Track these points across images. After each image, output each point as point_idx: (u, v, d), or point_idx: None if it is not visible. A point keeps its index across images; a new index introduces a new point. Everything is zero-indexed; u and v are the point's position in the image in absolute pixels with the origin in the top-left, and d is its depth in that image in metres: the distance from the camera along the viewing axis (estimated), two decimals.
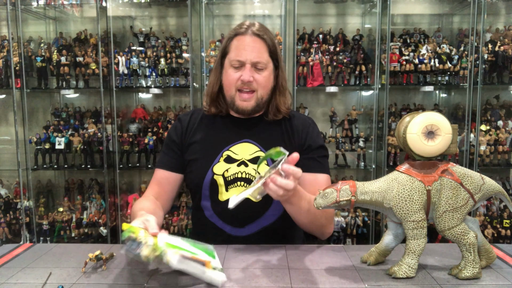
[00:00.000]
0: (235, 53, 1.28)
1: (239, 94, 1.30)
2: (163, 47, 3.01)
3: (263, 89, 1.31)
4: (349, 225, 2.92)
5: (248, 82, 1.27)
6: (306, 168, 1.33)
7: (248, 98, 1.30)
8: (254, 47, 1.27)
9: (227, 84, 1.32)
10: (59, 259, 1.13)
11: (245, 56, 1.26)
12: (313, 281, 0.97)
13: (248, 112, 1.33)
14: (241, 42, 1.27)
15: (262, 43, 1.28)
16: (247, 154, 1.32)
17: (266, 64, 1.29)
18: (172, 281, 0.98)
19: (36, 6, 3.06)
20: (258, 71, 1.28)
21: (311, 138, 1.37)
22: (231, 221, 1.30)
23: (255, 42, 1.27)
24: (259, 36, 1.27)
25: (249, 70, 1.27)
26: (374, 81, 2.89)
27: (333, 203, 0.97)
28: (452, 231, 0.96)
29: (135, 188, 3.27)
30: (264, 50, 1.28)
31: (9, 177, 3.22)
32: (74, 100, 3.25)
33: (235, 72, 1.29)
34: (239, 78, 1.28)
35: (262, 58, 1.27)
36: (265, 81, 1.30)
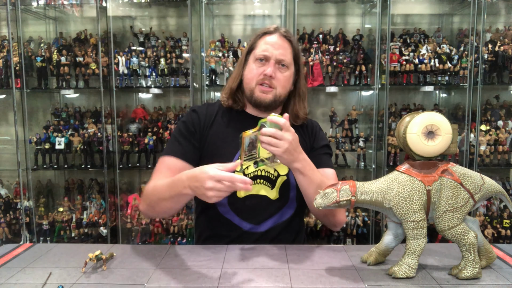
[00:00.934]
0: (262, 48, 1.32)
1: (259, 87, 1.33)
2: (163, 47, 3.01)
3: (282, 88, 1.34)
4: (349, 225, 2.92)
5: (270, 76, 1.30)
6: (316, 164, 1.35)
7: (267, 91, 1.33)
8: (281, 45, 1.32)
9: (249, 77, 1.34)
10: (59, 259, 1.13)
11: (271, 51, 1.31)
12: (313, 281, 0.97)
13: (265, 105, 1.34)
14: (270, 40, 1.33)
15: (288, 44, 1.34)
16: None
17: (289, 64, 1.34)
18: (172, 281, 0.98)
19: (36, 6, 3.06)
20: (281, 69, 1.32)
21: (318, 139, 1.43)
22: (248, 218, 1.31)
23: (283, 41, 1.33)
24: (286, 37, 1.34)
25: (273, 65, 1.31)
26: (374, 81, 2.89)
27: (333, 203, 0.97)
28: (452, 231, 0.96)
29: (135, 188, 3.27)
30: (289, 51, 1.33)
31: (9, 177, 3.22)
32: (74, 100, 3.25)
33: (259, 67, 1.32)
34: (262, 72, 1.31)
35: (286, 57, 1.32)
36: (285, 81, 1.34)
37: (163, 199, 1.19)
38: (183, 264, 1.09)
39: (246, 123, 1.34)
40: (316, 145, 1.42)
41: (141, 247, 1.23)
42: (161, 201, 1.20)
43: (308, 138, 1.42)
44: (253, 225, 1.32)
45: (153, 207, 1.25)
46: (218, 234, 1.34)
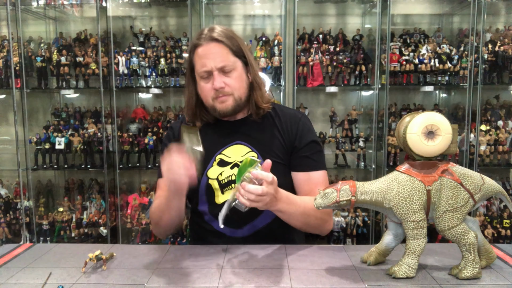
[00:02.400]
0: (200, 65, 1.27)
1: (216, 100, 1.29)
2: (163, 47, 3.01)
3: (238, 90, 1.29)
4: (349, 225, 2.92)
5: (220, 88, 1.26)
6: (299, 167, 1.34)
7: (225, 99, 1.29)
8: (215, 53, 1.25)
9: (204, 97, 1.32)
10: (59, 259, 1.13)
11: (209, 64, 1.24)
12: (313, 281, 0.97)
13: (230, 113, 1.32)
14: (202, 52, 1.26)
15: (222, 46, 1.25)
16: (239, 156, 1.32)
17: (233, 66, 1.27)
18: (172, 281, 0.98)
19: (36, 6, 3.06)
20: (227, 74, 1.27)
21: (301, 135, 1.35)
22: (229, 223, 1.30)
23: (214, 47, 1.25)
24: (216, 40, 1.25)
25: (218, 76, 1.25)
26: (374, 81, 2.89)
27: (333, 203, 0.97)
28: (452, 231, 0.96)
29: (135, 188, 3.27)
30: (226, 52, 1.26)
31: (9, 177, 3.22)
32: (74, 100, 3.25)
33: (206, 83, 1.28)
34: (211, 87, 1.27)
35: (227, 61, 1.25)
36: (237, 82, 1.29)
37: (162, 212, 1.27)
38: (183, 264, 1.09)
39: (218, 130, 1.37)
40: (299, 144, 1.34)
41: (141, 247, 1.23)
42: (162, 215, 1.28)
43: (287, 133, 1.35)
44: (233, 229, 1.30)
45: (158, 223, 1.33)
46: (206, 241, 1.33)
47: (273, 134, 1.35)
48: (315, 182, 1.32)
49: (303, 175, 1.33)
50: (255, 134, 1.36)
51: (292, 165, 1.35)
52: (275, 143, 1.34)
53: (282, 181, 1.30)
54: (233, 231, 1.31)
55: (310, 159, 1.34)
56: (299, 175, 1.34)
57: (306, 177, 1.33)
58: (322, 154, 1.38)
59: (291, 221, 1.25)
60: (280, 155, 1.33)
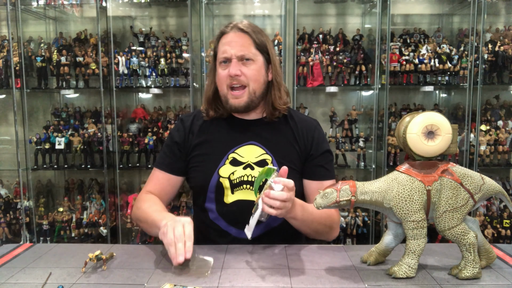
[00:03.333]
0: (221, 51, 1.28)
1: (231, 92, 1.29)
2: (163, 47, 3.01)
3: (254, 82, 1.28)
4: (349, 225, 2.92)
5: (235, 76, 1.26)
6: (313, 176, 1.33)
7: (239, 94, 1.28)
8: (237, 41, 1.26)
9: (219, 84, 1.32)
10: (59, 259, 1.13)
11: (229, 51, 1.26)
12: (313, 281, 0.97)
13: (242, 109, 1.31)
14: (225, 39, 1.28)
15: (246, 36, 1.27)
16: (253, 157, 1.31)
17: (253, 57, 1.27)
18: (172, 281, 0.98)
19: (36, 6, 3.06)
20: (246, 64, 1.27)
21: (317, 144, 1.35)
22: (236, 224, 1.30)
23: (238, 37, 1.27)
24: (242, 30, 1.27)
25: (236, 64, 1.26)
26: (374, 81, 2.89)
27: (333, 203, 0.97)
28: (452, 231, 0.96)
29: (135, 188, 3.27)
30: (249, 43, 1.27)
31: (9, 177, 3.22)
32: (74, 100, 3.25)
33: (223, 70, 1.28)
34: (227, 74, 1.27)
35: (247, 51, 1.26)
36: (254, 74, 1.28)
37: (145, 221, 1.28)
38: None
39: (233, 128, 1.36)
40: (315, 153, 1.34)
41: (141, 247, 1.23)
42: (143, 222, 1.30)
43: (302, 141, 1.35)
44: (240, 230, 1.28)
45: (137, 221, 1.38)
46: (209, 239, 1.33)
47: (288, 139, 1.35)
48: None
49: (316, 183, 1.33)
50: (270, 136, 1.34)
51: (305, 173, 1.34)
52: (289, 148, 1.33)
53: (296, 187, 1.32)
54: (239, 232, 1.29)
55: (324, 168, 1.35)
56: (312, 184, 1.34)
57: (319, 186, 1.31)
58: (332, 163, 1.40)
59: (302, 227, 1.24)
60: (294, 161, 1.33)
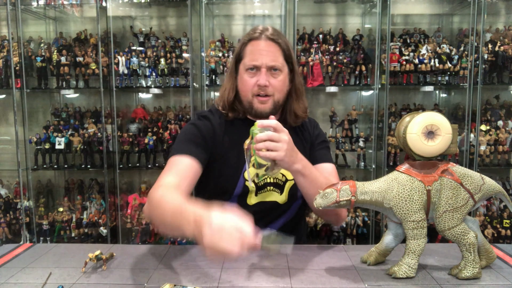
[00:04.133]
0: (250, 58, 1.27)
1: (257, 98, 1.29)
2: (163, 47, 3.01)
3: (279, 93, 1.30)
4: (349, 225, 2.91)
5: (264, 86, 1.26)
6: (314, 161, 1.36)
7: (265, 100, 1.29)
8: (269, 51, 1.26)
9: (244, 90, 1.31)
10: (59, 259, 1.13)
11: (260, 60, 1.25)
12: (313, 281, 0.97)
13: (266, 115, 1.30)
14: (255, 47, 1.27)
15: (277, 47, 1.27)
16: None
17: (281, 68, 1.28)
18: (172, 281, 0.98)
19: (36, 6, 3.06)
20: (274, 75, 1.27)
21: (317, 136, 1.44)
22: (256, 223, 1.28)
23: (269, 46, 1.26)
24: (273, 40, 1.26)
25: (265, 74, 1.26)
26: (374, 81, 2.89)
27: (333, 203, 0.97)
28: (452, 231, 0.96)
29: (135, 188, 3.27)
30: (279, 54, 1.27)
31: (9, 177, 3.22)
32: (74, 100, 3.25)
33: (251, 77, 1.28)
34: (255, 83, 1.27)
35: (277, 62, 1.26)
36: (281, 85, 1.29)
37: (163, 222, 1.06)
38: (183, 264, 1.09)
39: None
40: (315, 141, 1.42)
41: (141, 247, 1.23)
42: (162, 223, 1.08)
43: (309, 137, 1.41)
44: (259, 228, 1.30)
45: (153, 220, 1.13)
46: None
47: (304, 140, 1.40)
48: (328, 171, 1.35)
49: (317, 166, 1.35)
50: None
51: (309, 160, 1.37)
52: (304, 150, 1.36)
53: None
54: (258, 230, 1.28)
55: (321, 152, 1.40)
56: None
57: (319, 168, 1.35)
58: (330, 151, 1.46)
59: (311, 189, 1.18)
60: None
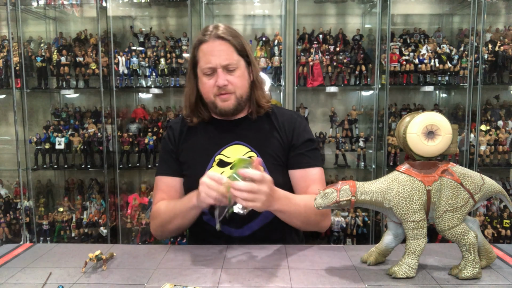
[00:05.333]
0: (204, 61, 1.28)
1: (219, 97, 1.31)
2: (163, 47, 3.01)
3: (241, 88, 1.31)
4: (349, 225, 2.91)
5: (223, 86, 1.27)
6: (296, 165, 1.35)
7: (227, 97, 1.30)
8: (220, 50, 1.26)
9: (205, 93, 1.33)
10: (59, 259, 1.13)
11: (214, 61, 1.26)
12: (313, 281, 0.97)
13: (231, 112, 1.33)
14: (207, 49, 1.27)
15: (228, 44, 1.27)
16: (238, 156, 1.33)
17: (237, 64, 1.29)
18: (172, 281, 0.98)
19: (36, 6, 3.06)
20: (231, 72, 1.28)
21: (298, 133, 1.37)
22: (229, 223, 1.30)
23: (220, 45, 1.27)
24: (223, 38, 1.27)
25: (222, 73, 1.27)
26: (374, 81, 2.89)
27: (333, 203, 0.97)
28: (452, 231, 0.96)
29: (135, 188, 3.27)
30: (231, 50, 1.28)
31: (9, 177, 3.22)
32: (74, 100, 3.25)
33: (209, 80, 1.29)
34: (214, 84, 1.28)
35: (231, 60, 1.27)
36: (240, 81, 1.30)
37: (174, 216, 1.27)
38: (183, 264, 1.09)
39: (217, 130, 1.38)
40: (296, 142, 1.36)
41: (141, 247, 1.23)
42: (173, 219, 1.28)
43: (284, 133, 1.36)
44: (234, 229, 1.31)
45: (165, 226, 1.32)
46: (206, 240, 1.33)
47: (272, 134, 1.37)
48: (312, 178, 1.33)
49: (299, 172, 1.34)
50: (254, 134, 1.36)
51: (289, 164, 1.36)
52: (273, 143, 1.35)
53: (282, 181, 1.31)
54: (232, 231, 1.31)
55: (306, 156, 1.35)
56: (296, 173, 1.35)
57: (303, 173, 1.34)
58: (317, 152, 1.40)
59: (292, 220, 1.25)
60: (279, 155, 1.34)
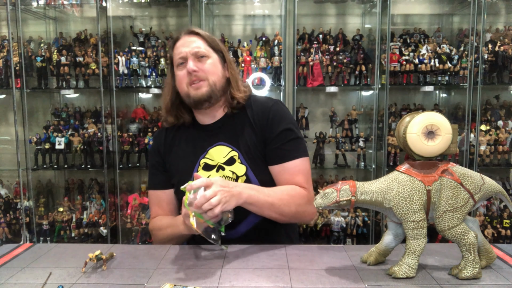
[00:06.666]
0: (176, 54, 1.33)
1: (191, 86, 1.30)
2: (163, 47, 3.01)
3: (213, 75, 1.31)
4: (349, 225, 2.92)
5: (193, 71, 1.28)
6: (272, 160, 1.32)
7: (199, 85, 1.29)
8: (190, 41, 1.32)
9: (179, 85, 1.33)
10: (59, 259, 1.13)
11: (183, 51, 1.30)
12: (313, 281, 0.97)
13: (205, 99, 1.30)
14: (179, 43, 1.34)
15: (197, 37, 1.34)
16: (221, 157, 1.32)
17: (207, 53, 1.32)
18: (172, 281, 0.98)
19: (36, 6, 3.06)
20: (201, 59, 1.31)
21: (271, 126, 1.31)
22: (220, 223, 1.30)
23: (190, 37, 1.34)
24: (192, 32, 1.34)
25: (192, 60, 1.29)
26: (374, 81, 2.89)
27: (333, 203, 0.97)
28: (452, 231, 0.96)
29: (135, 188, 3.27)
30: (202, 42, 1.33)
31: (9, 177, 3.22)
32: (74, 100, 3.25)
33: (181, 71, 1.32)
34: (186, 73, 1.30)
35: (201, 47, 1.31)
36: (211, 68, 1.31)
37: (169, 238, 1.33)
38: (183, 264, 1.09)
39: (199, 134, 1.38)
40: (270, 136, 1.31)
41: (141, 247, 1.23)
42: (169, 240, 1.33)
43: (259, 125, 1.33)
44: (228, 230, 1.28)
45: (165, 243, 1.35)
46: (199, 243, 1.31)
47: (248, 130, 1.34)
48: (291, 172, 1.30)
49: (277, 167, 1.31)
50: (233, 131, 1.35)
51: (267, 160, 1.33)
52: (251, 140, 1.32)
53: (268, 178, 1.31)
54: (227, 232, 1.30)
55: (281, 149, 1.30)
56: (274, 168, 1.32)
57: (280, 168, 1.31)
58: (297, 141, 1.32)
59: (264, 211, 1.23)
60: (258, 151, 1.32)
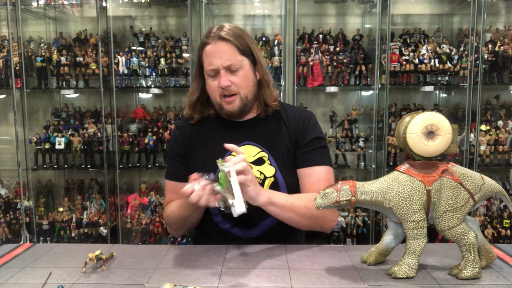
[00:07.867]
0: (207, 63, 1.29)
1: (224, 99, 1.31)
2: (163, 47, 3.01)
3: (244, 88, 1.31)
4: (349, 225, 2.91)
5: (226, 86, 1.28)
6: (301, 164, 1.34)
7: (232, 100, 1.31)
8: (222, 51, 1.27)
9: (212, 94, 1.34)
10: (59, 259, 1.13)
11: (215, 63, 1.27)
12: (313, 281, 0.97)
13: (237, 113, 1.33)
14: (210, 51, 1.29)
15: (230, 45, 1.27)
16: (250, 156, 1.32)
17: (239, 64, 1.29)
18: (172, 281, 0.98)
19: (36, 6, 3.06)
20: (234, 73, 1.29)
21: (306, 132, 1.36)
22: (238, 223, 1.31)
23: (221, 46, 1.27)
24: (225, 39, 1.27)
25: (224, 75, 1.27)
26: (374, 81, 2.89)
27: (333, 203, 0.97)
28: (452, 231, 0.96)
29: (135, 188, 3.27)
30: (233, 51, 1.28)
31: (9, 177, 3.22)
32: (74, 100, 3.25)
33: (213, 81, 1.30)
34: (218, 85, 1.29)
35: (233, 60, 1.27)
36: (243, 81, 1.30)
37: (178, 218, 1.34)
38: (183, 264, 1.09)
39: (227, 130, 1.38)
40: (302, 141, 1.35)
41: (141, 247, 1.23)
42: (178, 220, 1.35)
43: (293, 130, 1.36)
44: (243, 230, 1.32)
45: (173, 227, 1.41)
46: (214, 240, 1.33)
47: (281, 133, 1.37)
48: (317, 177, 1.32)
49: (304, 170, 1.33)
50: (264, 133, 1.36)
51: (296, 163, 1.36)
52: (283, 143, 1.35)
53: (293, 181, 1.33)
54: (243, 231, 1.31)
55: (312, 154, 1.34)
56: (301, 171, 1.35)
57: (307, 172, 1.33)
58: (326, 150, 1.38)
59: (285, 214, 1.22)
60: (290, 155, 1.34)
